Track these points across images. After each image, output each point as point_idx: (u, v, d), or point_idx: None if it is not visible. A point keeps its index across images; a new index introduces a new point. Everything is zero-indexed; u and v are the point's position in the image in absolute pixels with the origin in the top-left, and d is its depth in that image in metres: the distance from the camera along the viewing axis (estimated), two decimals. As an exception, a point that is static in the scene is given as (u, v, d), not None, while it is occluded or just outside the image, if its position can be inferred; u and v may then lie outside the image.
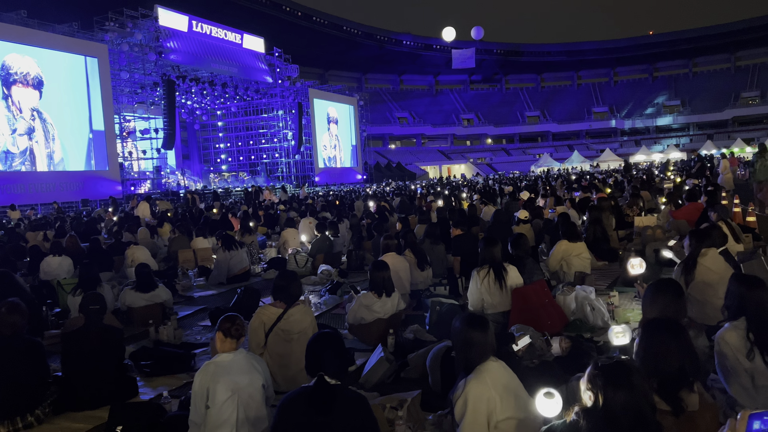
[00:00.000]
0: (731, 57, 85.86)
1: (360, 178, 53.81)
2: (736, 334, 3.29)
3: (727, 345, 3.31)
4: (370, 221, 12.26)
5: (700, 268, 4.93)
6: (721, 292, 4.78)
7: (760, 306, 3.28)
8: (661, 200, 13.73)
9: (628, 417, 2.20)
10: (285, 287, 4.60)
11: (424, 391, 4.01)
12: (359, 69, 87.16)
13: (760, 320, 3.24)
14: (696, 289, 4.92)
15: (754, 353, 3.21)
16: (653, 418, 2.29)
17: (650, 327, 2.73)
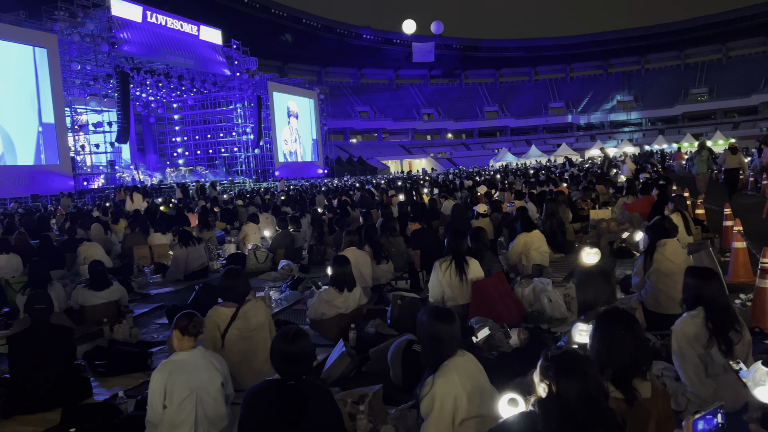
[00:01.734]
0: (681, 54, 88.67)
1: (321, 173, 53.53)
2: (693, 323, 3.42)
3: (684, 334, 3.43)
4: (331, 216, 12.21)
5: (659, 258, 5.09)
6: (677, 283, 4.97)
7: (715, 297, 3.41)
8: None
9: (582, 405, 2.25)
10: (232, 287, 4.52)
11: (385, 385, 4.02)
12: (319, 62, 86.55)
13: (716, 310, 3.37)
14: (653, 277, 5.07)
15: (712, 342, 3.33)
16: (606, 405, 2.35)
17: (604, 319, 2.80)
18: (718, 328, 3.34)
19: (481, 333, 4.08)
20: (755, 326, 4.80)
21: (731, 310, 3.45)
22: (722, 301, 3.43)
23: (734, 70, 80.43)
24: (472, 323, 4.62)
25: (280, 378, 2.93)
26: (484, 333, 4.12)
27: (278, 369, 2.95)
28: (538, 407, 2.40)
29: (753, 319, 4.96)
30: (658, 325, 4.73)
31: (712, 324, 3.35)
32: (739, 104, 74.93)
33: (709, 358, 3.36)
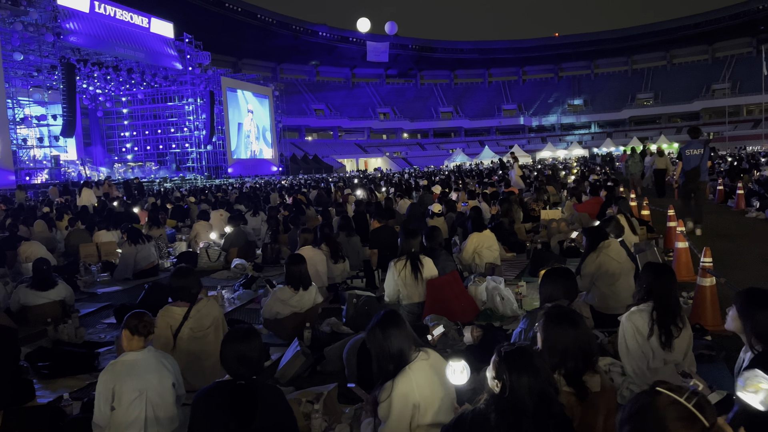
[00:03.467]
0: (628, 60, 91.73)
1: (276, 170, 52.95)
2: (640, 316, 3.55)
3: (629, 326, 3.56)
4: (286, 214, 12.10)
5: (603, 258, 5.24)
6: (620, 282, 5.14)
7: (666, 292, 3.55)
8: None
9: (533, 399, 2.30)
10: (183, 286, 4.43)
11: (340, 384, 4.02)
12: (274, 58, 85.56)
13: (665, 305, 3.52)
14: (599, 278, 5.22)
15: (653, 332, 3.47)
16: (556, 399, 2.41)
17: (550, 320, 2.87)
18: (662, 320, 3.48)
19: (435, 331, 4.13)
20: (696, 323, 5.01)
21: (678, 307, 3.60)
22: (672, 296, 3.58)
23: (678, 77, 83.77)
24: (426, 321, 4.66)
25: (231, 378, 2.89)
26: (438, 331, 4.17)
27: (229, 369, 2.91)
28: (491, 403, 2.44)
29: (694, 316, 5.18)
30: (606, 324, 4.87)
31: (657, 315, 3.49)
32: (682, 109, 78.10)
33: (651, 351, 3.50)
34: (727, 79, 77.55)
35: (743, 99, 72.09)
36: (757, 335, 2.71)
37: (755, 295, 2.78)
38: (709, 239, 9.07)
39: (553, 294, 3.85)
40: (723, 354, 4.35)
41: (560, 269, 4.10)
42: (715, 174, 20.39)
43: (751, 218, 12.21)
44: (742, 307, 2.78)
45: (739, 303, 2.81)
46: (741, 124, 69.69)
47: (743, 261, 7.88)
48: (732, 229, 10.92)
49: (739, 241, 9.45)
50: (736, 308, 2.83)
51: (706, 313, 5.13)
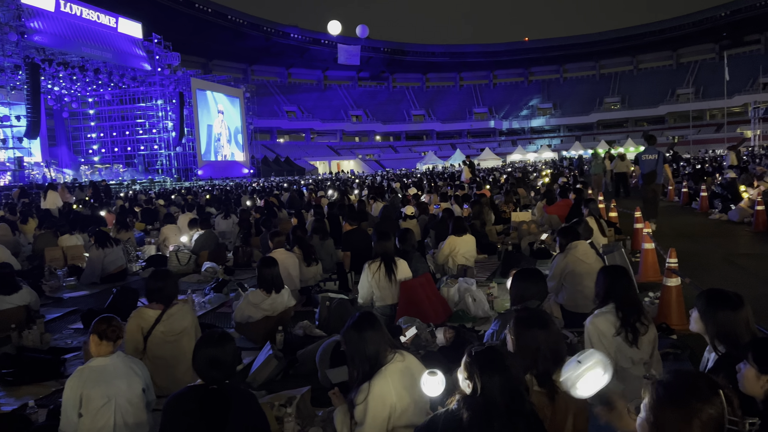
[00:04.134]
0: (596, 65, 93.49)
1: (247, 172, 52.48)
2: (604, 319, 3.62)
3: (595, 329, 3.62)
4: (258, 216, 12.00)
5: (571, 259, 5.33)
6: (588, 282, 5.23)
7: (624, 292, 3.63)
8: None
9: (505, 399, 2.32)
10: (160, 288, 4.38)
11: (313, 387, 4.00)
12: (245, 60, 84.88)
13: (625, 305, 3.59)
14: (569, 279, 5.31)
15: (620, 330, 3.54)
16: (527, 398, 2.45)
17: (520, 322, 2.91)
18: (626, 319, 3.56)
19: (408, 332, 4.14)
20: (662, 322, 5.12)
21: (639, 306, 3.67)
22: (631, 296, 3.65)
23: (644, 82, 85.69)
24: (400, 323, 4.67)
25: (203, 383, 2.86)
26: (411, 332, 4.18)
27: (201, 373, 2.87)
28: (463, 403, 2.46)
29: (660, 315, 5.30)
30: (577, 323, 4.95)
31: (621, 314, 3.56)
32: (648, 113, 79.93)
33: (618, 351, 3.56)
34: (691, 84, 79.57)
35: (706, 104, 74.05)
36: (719, 336, 2.75)
37: (715, 297, 2.82)
38: (674, 240, 9.29)
39: (523, 295, 3.89)
40: (688, 353, 4.45)
41: (530, 270, 4.15)
42: (680, 177, 20.91)
43: (714, 220, 12.55)
44: (704, 309, 2.82)
45: (701, 305, 2.85)
46: (704, 128, 71.56)
47: (707, 262, 8.09)
48: (696, 230, 11.21)
49: (703, 243, 9.70)
50: (698, 310, 2.88)
51: (672, 313, 5.25)
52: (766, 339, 2.47)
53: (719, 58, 71.71)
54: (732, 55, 69.90)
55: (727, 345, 2.72)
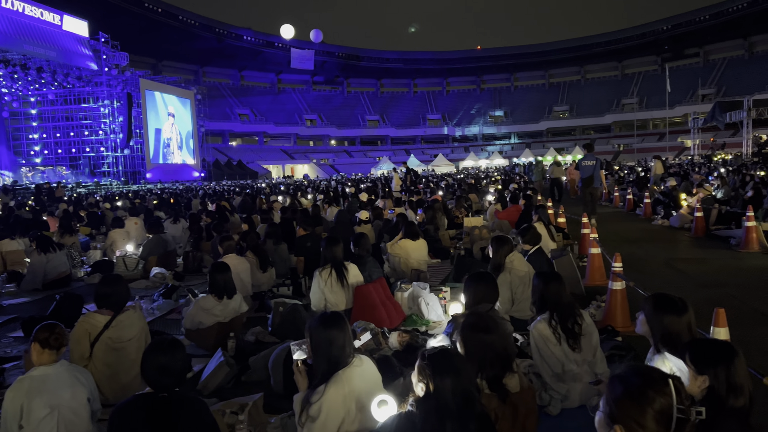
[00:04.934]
0: (545, 74, 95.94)
1: (198, 176, 51.43)
2: (545, 325, 3.71)
3: (539, 335, 3.71)
4: (209, 221, 11.79)
5: (509, 266, 5.44)
6: (524, 288, 5.35)
7: (557, 297, 3.73)
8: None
9: (457, 400, 2.36)
10: (110, 294, 4.26)
11: (266, 393, 3.96)
12: (197, 61, 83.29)
13: (559, 308, 3.70)
14: (510, 286, 5.41)
15: (560, 339, 3.64)
16: (479, 399, 2.49)
17: (467, 328, 2.96)
18: (562, 323, 3.66)
19: (363, 337, 4.14)
20: (608, 324, 5.29)
21: (572, 308, 3.78)
22: (563, 299, 3.76)
23: (591, 91, 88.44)
24: (354, 327, 4.67)
25: (152, 391, 2.79)
26: (365, 337, 4.19)
27: (150, 381, 2.81)
28: (416, 407, 2.48)
29: (606, 318, 5.48)
30: (521, 328, 5.06)
31: (556, 320, 3.67)
32: (595, 122, 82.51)
33: (563, 355, 3.67)
34: (635, 95, 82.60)
35: (650, 113, 76.99)
36: (663, 339, 2.86)
37: (662, 302, 2.93)
38: (619, 245, 9.60)
39: (475, 298, 3.95)
40: (632, 354, 4.61)
41: (482, 273, 4.22)
42: (624, 183, 21.67)
43: (657, 225, 13.06)
44: (650, 313, 2.93)
45: (648, 308, 2.96)
46: (648, 137, 74.35)
47: (650, 266, 8.41)
48: (640, 235, 11.63)
49: (646, 247, 10.08)
50: (645, 313, 2.98)
51: (617, 316, 5.43)
52: (702, 340, 2.59)
53: (661, 70, 74.76)
54: (673, 68, 73.03)
55: (670, 348, 2.83)
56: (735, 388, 2.21)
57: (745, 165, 29.50)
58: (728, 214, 11.34)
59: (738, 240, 9.64)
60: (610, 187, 21.00)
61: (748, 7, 72.27)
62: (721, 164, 32.98)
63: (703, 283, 7.18)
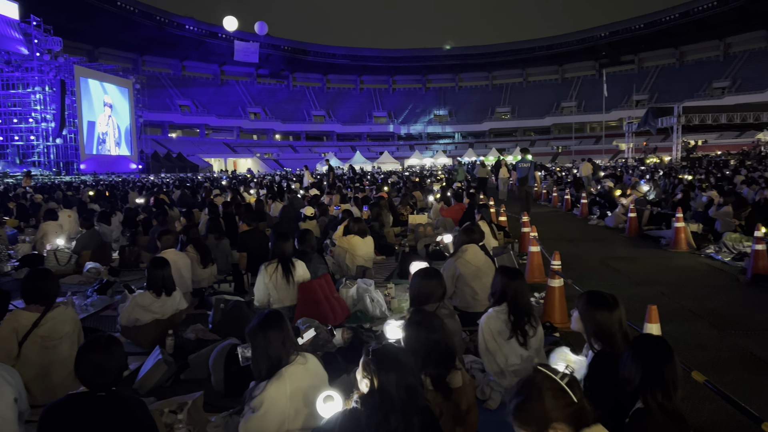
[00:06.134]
0: (489, 75, 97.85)
1: (135, 168, 49.72)
2: (497, 318, 3.78)
3: (488, 328, 3.78)
4: (146, 215, 11.41)
5: (461, 262, 5.53)
6: (477, 283, 5.45)
7: (517, 293, 3.81)
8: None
9: (401, 395, 2.37)
10: (39, 289, 4.05)
11: (206, 392, 3.87)
12: (136, 49, 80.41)
13: (517, 305, 3.78)
14: (461, 280, 5.50)
15: (512, 334, 3.72)
16: (422, 394, 2.51)
17: (410, 326, 2.98)
18: (518, 321, 3.75)
19: (306, 334, 4.09)
20: (546, 321, 5.44)
21: (530, 307, 3.88)
22: (523, 297, 3.85)
23: (532, 94, 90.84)
24: (298, 324, 4.63)
25: (87, 390, 2.67)
26: (309, 334, 4.14)
27: (85, 381, 2.69)
28: (361, 403, 2.48)
29: (545, 314, 5.64)
30: (469, 322, 5.14)
31: (513, 317, 3.74)
32: (535, 124, 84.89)
33: (510, 349, 3.75)
34: (573, 98, 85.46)
35: (587, 117, 79.88)
36: (596, 335, 2.96)
37: (593, 298, 3.03)
38: (557, 244, 9.91)
39: (420, 296, 3.98)
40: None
41: (429, 270, 4.24)
42: (563, 184, 22.37)
43: (593, 225, 13.55)
44: (583, 309, 3.03)
45: (581, 305, 3.05)
46: (585, 140, 77.04)
47: (587, 264, 8.71)
48: (577, 234, 12.03)
49: (583, 246, 10.43)
50: (579, 310, 3.08)
51: (555, 312, 5.60)
52: (644, 335, 2.69)
53: (599, 75, 77.61)
54: (610, 73, 75.92)
55: (602, 343, 2.93)
56: (668, 383, 2.31)
57: (675, 169, 31.02)
58: (659, 215, 11.87)
59: (668, 240, 10.12)
60: (549, 187, 21.66)
61: (680, 18, 75.97)
62: (653, 167, 34.55)
63: (636, 281, 7.49)
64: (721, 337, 5.17)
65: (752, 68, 70.46)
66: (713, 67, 76.59)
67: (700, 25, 74.74)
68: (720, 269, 8.18)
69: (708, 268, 8.28)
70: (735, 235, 9.13)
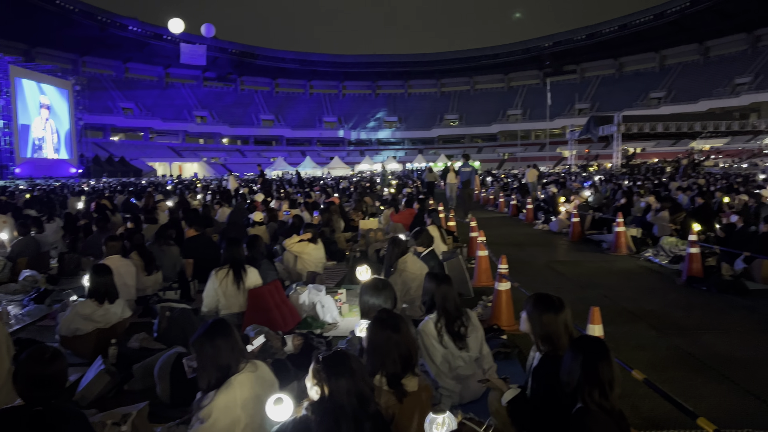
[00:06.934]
0: (437, 83, 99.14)
1: (75, 172, 47.87)
2: (431, 324, 3.84)
3: (426, 334, 3.83)
4: (87, 221, 11.01)
5: (406, 275, 5.58)
6: (419, 290, 5.50)
7: (445, 298, 3.88)
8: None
9: (351, 401, 2.38)
10: None
11: (151, 402, 3.76)
12: (76, 50, 77.42)
13: (446, 310, 3.84)
14: (407, 292, 5.55)
15: (444, 338, 3.78)
16: (373, 399, 2.52)
17: (376, 324, 2.99)
18: (449, 325, 3.81)
19: (256, 341, 4.05)
20: (494, 323, 5.55)
21: (460, 310, 3.94)
22: (451, 301, 3.91)
23: (479, 101, 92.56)
24: (248, 331, 4.56)
25: (24, 404, 2.55)
26: (259, 341, 4.10)
27: (23, 394, 2.57)
28: (311, 410, 2.47)
29: (492, 317, 5.74)
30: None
31: (444, 321, 3.81)
32: (482, 131, 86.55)
33: (450, 353, 3.80)
34: (519, 106, 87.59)
35: (532, 124, 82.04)
36: (543, 337, 3.03)
37: (540, 301, 3.10)
38: (504, 248, 10.12)
39: (374, 308, 3.97)
40: (516, 351, 4.88)
41: (378, 282, 4.24)
42: (509, 190, 22.87)
43: (538, 230, 13.90)
44: (531, 312, 3.10)
45: (529, 308, 3.12)
46: (530, 147, 79.04)
47: (533, 268, 8.93)
48: (523, 239, 12.31)
49: (529, 250, 10.69)
50: (526, 312, 3.15)
51: (503, 315, 5.71)
52: (584, 336, 2.78)
53: (543, 84, 79.76)
54: (554, 82, 78.24)
55: (549, 344, 3.00)
56: (604, 383, 2.39)
57: (615, 175, 32.19)
58: (601, 220, 12.29)
59: (609, 244, 10.49)
60: (496, 193, 22.11)
61: (619, 30, 79.08)
62: (594, 174, 35.75)
63: (579, 284, 7.73)
64: (659, 337, 5.39)
65: (686, 80, 74.00)
66: (650, 78, 79.97)
67: (637, 37, 78.00)
68: (658, 272, 8.53)
69: (647, 271, 8.63)
70: (671, 239, 9.55)
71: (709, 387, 4.20)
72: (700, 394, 4.06)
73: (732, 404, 3.91)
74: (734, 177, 27.47)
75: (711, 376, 4.41)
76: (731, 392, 4.10)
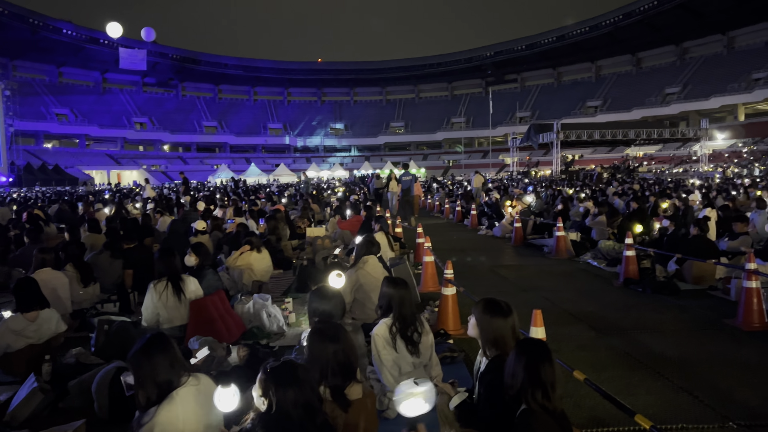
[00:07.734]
0: (383, 90, 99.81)
1: (5, 181, 45.52)
2: (385, 328, 3.85)
3: (380, 338, 3.83)
4: (18, 232, 10.49)
5: (362, 273, 5.58)
6: (375, 294, 5.52)
7: (401, 302, 3.90)
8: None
9: (298, 411, 2.35)
10: None
11: (88, 420, 3.62)
12: (5, 54, 73.82)
13: (402, 315, 3.87)
14: (358, 291, 5.55)
15: (397, 342, 3.79)
16: (320, 409, 2.50)
17: (314, 335, 2.97)
18: (403, 329, 3.84)
19: (200, 353, 3.95)
20: (441, 328, 5.61)
21: (415, 316, 3.97)
22: (408, 306, 3.94)
23: (424, 109, 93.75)
24: (191, 343, 4.44)
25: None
26: (203, 353, 4.00)
27: None
28: (258, 421, 2.43)
29: (439, 322, 5.80)
30: (366, 332, 5.19)
31: (399, 326, 3.83)
32: (427, 138, 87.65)
33: (401, 357, 3.83)
34: (462, 114, 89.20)
35: (475, 132, 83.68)
36: (491, 341, 3.07)
37: (489, 306, 3.13)
38: (450, 253, 10.26)
39: (318, 311, 3.96)
40: (463, 356, 4.94)
41: (326, 290, 4.23)
42: (454, 196, 23.24)
43: (483, 235, 14.17)
44: (480, 316, 3.12)
45: (477, 312, 3.15)
46: (474, 154, 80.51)
47: (477, 272, 9.09)
48: (468, 244, 12.51)
49: (474, 255, 10.87)
50: (475, 317, 3.18)
51: (449, 320, 5.78)
52: (527, 339, 2.84)
53: (485, 93, 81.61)
54: (495, 91, 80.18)
55: (497, 349, 3.05)
56: (546, 384, 2.45)
57: (555, 181, 33.19)
58: (542, 225, 12.64)
59: (550, 248, 10.79)
60: (441, 199, 22.43)
61: (557, 41, 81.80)
62: (535, 180, 36.75)
63: (521, 287, 7.92)
64: (598, 337, 5.58)
65: (620, 89, 77.18)
66: (587, 87, 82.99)
67: (574, 48, 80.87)
68: (596, 274, 8.83)
69: (586, 274, 8.92)
70: (609, 243, 9.91)
71: (645, 384, 4.37)
72: (637, 392, 4.22)
73: (666, 400, 4.08)
74: (666, 182, 28.82)
75: (647, 374, 4.60)
76: (665, 389, 4.29)
